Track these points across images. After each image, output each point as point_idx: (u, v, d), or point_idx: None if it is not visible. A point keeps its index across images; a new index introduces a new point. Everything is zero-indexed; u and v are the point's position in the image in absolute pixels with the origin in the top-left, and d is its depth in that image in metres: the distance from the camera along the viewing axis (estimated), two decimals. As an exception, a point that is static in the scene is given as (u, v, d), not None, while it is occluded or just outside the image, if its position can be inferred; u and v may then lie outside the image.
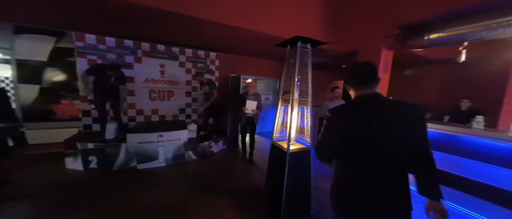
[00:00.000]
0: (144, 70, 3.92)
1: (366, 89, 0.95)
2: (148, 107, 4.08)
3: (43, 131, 3.50)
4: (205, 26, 2.88)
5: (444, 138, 2.39)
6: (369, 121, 0.91)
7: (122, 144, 2.94)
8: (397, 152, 0.89)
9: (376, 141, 0.90)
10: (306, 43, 1.93)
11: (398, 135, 0.89)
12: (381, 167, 0.89)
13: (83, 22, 2.95)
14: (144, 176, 2.81)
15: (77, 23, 3.04)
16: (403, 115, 0.89)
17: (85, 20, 2.87)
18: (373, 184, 0.90)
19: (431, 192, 0.89)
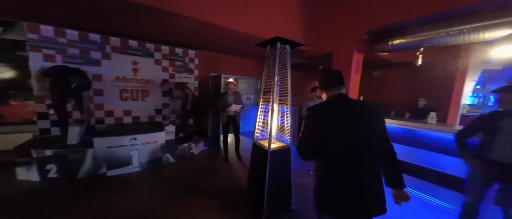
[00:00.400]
0: (114, 67, 3.59)
1: (335, 90, 1.13)
2: (119, 108, 3.75)
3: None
4: (182, 22, 2.75)
5: (404, 132, 2.70)
6: (342, 117, 1.03)
7: (88, 149, 2.65)
8: (370, 147, 1.02)
9: (352, 135, 1.00)
10: (285, 44, 1.99)
11: (368, 130, 1.02)
12: (361, 163, 0.99)
13: (36, 10, 2.57)
14: (116, 183, 2.59)
15: (29, 12, 2.64)
16: (368, 113, 1.05)
17: (38, 8, 2.51)
18: (356, 180, 0.98)
19: (397, 184, 1.04)
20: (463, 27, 2.21)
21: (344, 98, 1.09)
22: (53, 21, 2.90)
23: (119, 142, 2.81)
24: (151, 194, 2.37)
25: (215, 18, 2.74)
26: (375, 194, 1.00)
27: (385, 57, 3.98)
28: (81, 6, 2.34)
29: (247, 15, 3.05)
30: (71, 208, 2.01)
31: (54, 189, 2.34)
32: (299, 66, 5.76)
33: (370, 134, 1.02)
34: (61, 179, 2.55)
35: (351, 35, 3.20)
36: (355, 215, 0.97)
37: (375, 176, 1.01)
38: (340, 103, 1.08)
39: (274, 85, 1.92)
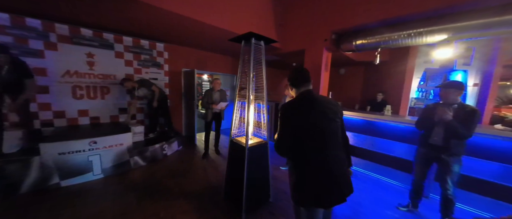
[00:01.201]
0: (63, 60, 3.06)
1: (303, 87, 1.23)
2: (72, 108, 3.24)
3: None
4: (144, 10, 2.49)
5: (366, 123, 3.04)
6: (310, 111, 1.13)
7: (33, 157, 2.24)
8: (336, 135, 1.16)
9: (321, 127, 1.11)
10: (259, 40, 1.99)
11: (332, 121, 1.15)
12: (332, 151, 1.11)
13: None
14: (72, 193, 2.26)
15: None
16: (331, 106, 1.18)
17: None
18: (332, 168, 1.09)
19: (349, 163, 1.28)
20: (411, 31, 2.56)
21: (312, 94, 1.20)
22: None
23: (74, 147, 2.44)
24: (117, 201, 2.15)
25: (186, 10, 2.56)
26: (346, 177, 1.16)
27: (350, 56, 4.35)
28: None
29: (219, 9, 2.94)
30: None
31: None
32: (273, 63, 5.89)
33: (334, 124, 1.16)
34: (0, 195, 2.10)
35: (320, 35, 3.40)
36: (335, 200, 1.08)
37: (343, 160, 1.17)
38: (309, 99, 1.17)
39: (249, 81, 1.91)
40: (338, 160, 1.13)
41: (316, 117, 1.11)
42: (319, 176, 1.07)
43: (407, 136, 2.65)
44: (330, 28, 3.24)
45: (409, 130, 2.61)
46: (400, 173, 2.72)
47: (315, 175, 1.07)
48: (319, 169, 1.07)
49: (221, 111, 3.47)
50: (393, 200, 2.35)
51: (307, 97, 1.18)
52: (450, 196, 1.74)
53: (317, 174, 1.07)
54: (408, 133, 2.63)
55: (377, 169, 2.94)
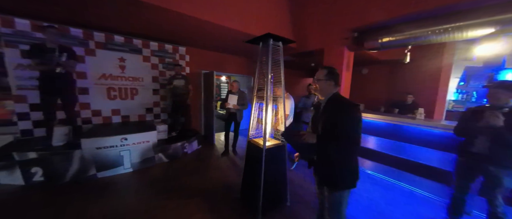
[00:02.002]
0: (99, 64, 3.42)
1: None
2: (106, 108, 3.61)
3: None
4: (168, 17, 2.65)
5: (392, 128, 2.80)
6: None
7: (75, 150, 2.54)
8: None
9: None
10: (277, 41, 1.97)
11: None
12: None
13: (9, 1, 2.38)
14: (106, 185, 2.51)
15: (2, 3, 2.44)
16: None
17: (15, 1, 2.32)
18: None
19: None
20: (448, 26, 2.29)
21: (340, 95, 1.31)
22: (27, 14, 2.70)
23: (109, 143, 2.71)
24: (143, 195, 2.32)
25: (202, 14, 2.67)
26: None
27: (374, 55, 4.07)
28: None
29: (236, 12, 3.00)
30: (56, 212, 1.93)
31: (39, 193, 2.24)
32: (288, 63, 5.79)
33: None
34: (47, 183, 2.43)
35: (340, 33, 3.24)
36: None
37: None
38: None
39: (267, 82, 1.91)
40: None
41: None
42: (356, 167, 1.27)
43: (442, 143, 2.37)
44: (351, 26, 3.07)
45: (445, 136, 2.34)
46: (433, 183, 2.44)
47: (356, 166, 1.27)
48: (356, 162, 1.28)
49: (237, 111, 3.53)
50: (427, 214, 2.12)
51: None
52: (500, 214, 1.50)
53: (356, 166, 1.28)
54: (444, 139, 2.35)
55: (405, 177, 2.68)
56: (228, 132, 3.66)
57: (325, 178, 1.30)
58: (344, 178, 1.24)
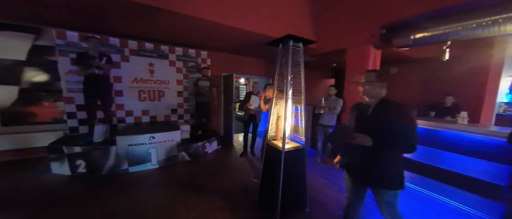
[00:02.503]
0: (132, 69, 3.78)
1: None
2: (137, 108, 3.95)
3: (23, 135, 3.28)
4: (192, 23, 2.81)
5: (427, 133, 2.51)
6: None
7: (111, 146, 2.83)
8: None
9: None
10: (297, 42, 1.94)
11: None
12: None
13: (62, 18, 2.78)
14: (136, 179, 2.74)
15: (56, 19, 2.86)
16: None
17: (64, 16, 2.71)
18: None
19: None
20: (498, 17, 1.99)
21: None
22: (76, 27, 3.13)
23: (139, 140, 2.96)
24: (167, 190, 2.47)
25: (227, 20, 2.77)
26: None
27: (404, 52, 3.73)
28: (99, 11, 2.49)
29: (256, 15, 3.04)
30: (95, 201, 2.17)
31: (82, 183, 2.55)
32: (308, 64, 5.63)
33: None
34: (89, 174, 2.76)
35: (366, 30, 3.05)
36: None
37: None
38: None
39: (287, 84, 1.89)
40: None
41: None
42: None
43: (491, 152, 2.05)
44: (378, 22, 2.87)
45: (495, 144, 2.02)
46: (477, 198, 2.12)
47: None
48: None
49: (257, 113, 3.55)
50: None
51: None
52: None
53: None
54: (494, 148, 2.03)
55: (443, 189, 2.38)
56: (247, 133, 3.71)
57: (380, 179, 1.28)
58: (400, 179, 1.26)
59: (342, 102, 3.28)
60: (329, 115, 3.31)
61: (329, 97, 3.36)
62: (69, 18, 2.76)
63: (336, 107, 3.23)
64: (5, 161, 3.11)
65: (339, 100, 3.28)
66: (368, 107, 1.34)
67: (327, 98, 3.37)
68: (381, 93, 1.31)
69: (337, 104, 3.24)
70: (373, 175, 1.29)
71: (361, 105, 1.41)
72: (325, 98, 3.35)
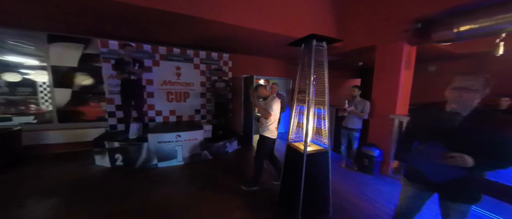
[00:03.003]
0: (162, 73, 4.10)
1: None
2: (166, 109, 4.27)
3: (74, 131, 3.82)
4: (216, 27, 2.94)
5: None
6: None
7: (144, 143, 3.11)
8: None
9: None
10: (321, 41, 1.88)
11: None
12: None
13: (106, 29, 3.18)
14: (164, 173, 2.96)
15: (101, 31, 3.28)
16: None
17: (108, 27, 3.09)
18: None
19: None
20: None
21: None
22: (117, 36, 3.53)
23: (167, 138, 3.20)
24: (190, 186, 2.62)
25: (248, 22, 2.83)
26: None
27: (445, 48, 3.31)
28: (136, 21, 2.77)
29: (277, 16, 3.04)
30: (130, 190, 2.41)
31: (119, 175, 2.85)
32: (330, 63, 5.38)
33: None
34: (125, 167, 3.08)
35: (398, 25, 2.79)
36: None
37: None
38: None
39: (309, 85, 1.84)
40: None
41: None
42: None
43: None
44: (414, 15, 2.60)
45: None
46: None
47: None
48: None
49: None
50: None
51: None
52: None
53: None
54: None
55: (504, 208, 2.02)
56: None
57: (461, 194, 1.13)
58: (480, 193, 1.12)
59: (369, 105, 3.06)
60: (354, 118, 3.11)
61: (353, 99, 3.16)
62: (112, 28, 3.14)
63: (364, 110, 3.02)
64: (61, 152, 3.65)
65: (366, 102, 3.06)
66: (454, 116, 1.09)
67: (351, 100, 3.17)
68: (476, 102, 1.06)
69: (364, 106, 3.03)
70: (454, 189, 1.12)
71: (440, 113, 1.16)
72: (348, 101, 3.15)
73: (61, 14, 2.64)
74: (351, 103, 3.13)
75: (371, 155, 3.04)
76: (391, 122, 2.99)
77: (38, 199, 2.20)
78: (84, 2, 2.25)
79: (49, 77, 3.66)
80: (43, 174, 2.79)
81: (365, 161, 3.12)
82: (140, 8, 2.31)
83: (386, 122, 3.04)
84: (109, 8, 2.39)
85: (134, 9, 2.37)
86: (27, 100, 3.63)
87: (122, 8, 2.34)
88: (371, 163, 3.05)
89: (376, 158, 3.02)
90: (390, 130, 3.00)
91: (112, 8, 2.36)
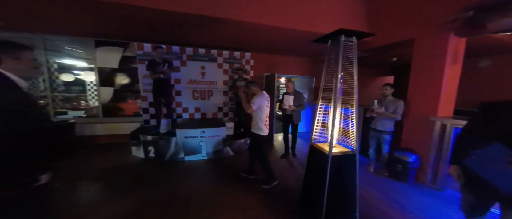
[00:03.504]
0: (188, 72, 4.35)
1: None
2: (191, 106, 4.53)
3: (115, 124, 4.33)
4: (240, 27, 2.99)
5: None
6: None
7: (172, 137, 3.36)
8: None
9: None
10: (350, 36, 1.75)
11: None
12: None
13: (142, 34, 3.50)
14: (189, 167, 3.15)
15: (137, 35, 3.62)
16: None
17: (141, 32, 3.40)
18: None
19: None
20: None
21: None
22: (150, 40, 3.85)
23: (193, 134, 3.39)
24: (213, 180, 2.73)
25: (272, 20, 2.81)
26: None
27: (503, 39, 2.79)
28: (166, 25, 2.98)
29: (304, 12, 2.94)
30: (162, 180, 2.63)
31: (151, 165, 3.14)
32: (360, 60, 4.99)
33: None
34: (156, 159, 3.37)
35: (443, 14, 2.45)
36: None
37: None
38: None
39: (336, 83, 1.74)
40: None
41: None
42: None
43: None
44: (464, 3, 2.25)
45: None
46: None
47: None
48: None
49: (293, 113, 3.40)
50: None
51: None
52: None
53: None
54: None
55: None
56: (286, 133, 3.64)
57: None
58: None
59: (403, 105, 2.77)
60: (384, 119, 2.84)
61: (384, 99, 2.88)
62: (147, 33, 3.45)
63: (397, 111, 2.74)
64: (104, 143, 4.17)
65: (399, 102, 2.77)
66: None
67: (382, 99, 2.90)
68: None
69: (397, 107, 2.75)
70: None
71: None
72: (378, 100, 2.89)
73: (107, 22, 3.00)
74: (382, 103, 2.86)
75: (405, 160, 2.76)
76: (432, 125, 2.66)
77: (89, 182, 2.56)
78: (129, 10, 2.50)
79: (96, 77, 4.20)
80: (92, 161, 3.24)
81: (398, 167, 2.85)
82: (178, 13, 2.51)
83: (425, 125, 2.71)
84: (150, 15, 2.61)
85: (172, 15, 2.57)
86: (78, 97, 4.24)
87: (163, 15, 2.58)
88: (405, 170, 2.76)
89: (411, 164, 2.72)
90: (430, 134, 2.67)
91: (152, 14, 2.59)
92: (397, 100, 2.79)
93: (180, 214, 2.02)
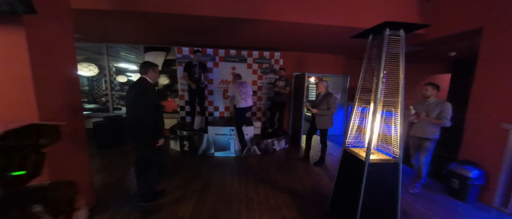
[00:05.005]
0: (220, 73, 4.59)
1: None
2: (222, 105, 4.77)
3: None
4: (273, 27, 2.99)
5: None
6: None
7: (205, 134, 3.60)
8: None
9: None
10: (397, 29, 1.56)
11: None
12: None
13: (182, 39, 3.86)
14: (219, 162, 3.33)
15: (178, 40, 4.01)
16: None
17: (183, 37, 3.75)
18: None
19: None
20: None
21: None
22: (188, 44, 4.21)
23: (223, 131, 3.57)
24: (242, 177, 2.81)
25: (306, 18, 2.74)
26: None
27: None
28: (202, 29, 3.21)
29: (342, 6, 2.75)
30: (195, 172, 2.86)
31: (187, 158, 3.43)
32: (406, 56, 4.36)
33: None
34: (190, 153, 3.68)
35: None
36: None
37: None
38: None
39: (378, 82, 1.57)
40: None
41: None
42: None
43: None
44: None
45: None
46: None
47: None
48: None
49: (317, 115, 3.11)
50: None
51: None
52: None
53: None
54: None
55: None
56: (309, 135, 3.39)
57: None
58: None
59: (450, 108, 2.25)
60: (426, 124, 2.41)
61: (425, 101, 2.43)
62: (186, 38, 3.79)
63: (442, 116, 2.24)
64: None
65: (445, 104, 2.27)
66: None
67: (423, 102, 2.45)
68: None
69: (442, 110, 2.26)
70: None
71: None
72: (415, 105, 2.44)
73: (155, 30, 3.43)
74: (422, 106, 2.43)
75: (464, 175, 2.30)
76: (505, 134, 2.14)
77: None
78: (175, 20, 2.79)
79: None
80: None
81: (454, 182, 2.40)
82: (217, 18, 2.70)
83: (495, 133, 2.21)
84: (195, 20, 2.84)
85: (213, 20, 2.77)
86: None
87: (206, 21, 2.82)
88: (465, 186, 2.30)
89: (472, 180, 2.25)
90: (502, 146, 2.15)
91: (197, 20, 2.82)
92: (442, 103, 2.31)
93: (213, 203, 2.16)
